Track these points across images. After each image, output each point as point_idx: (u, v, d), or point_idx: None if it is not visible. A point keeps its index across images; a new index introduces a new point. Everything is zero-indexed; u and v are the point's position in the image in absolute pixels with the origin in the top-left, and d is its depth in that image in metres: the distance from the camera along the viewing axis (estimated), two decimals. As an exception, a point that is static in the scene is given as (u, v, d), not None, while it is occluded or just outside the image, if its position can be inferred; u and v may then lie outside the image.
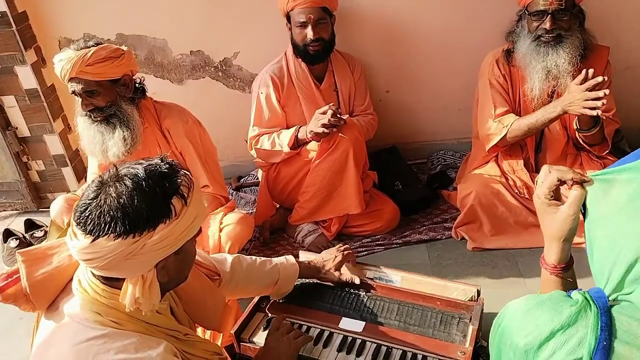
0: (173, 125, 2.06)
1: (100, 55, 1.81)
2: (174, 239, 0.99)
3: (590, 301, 0.82)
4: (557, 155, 2.35)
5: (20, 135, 2.85)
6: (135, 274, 1.00)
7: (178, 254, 1.04)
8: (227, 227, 2.00)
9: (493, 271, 2.16)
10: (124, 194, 0.94)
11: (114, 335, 1.01)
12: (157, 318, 1.10)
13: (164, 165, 1.01)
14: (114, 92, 1.90)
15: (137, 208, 0.94)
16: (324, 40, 2.31)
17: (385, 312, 1.59)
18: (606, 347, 0.77)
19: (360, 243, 2.41)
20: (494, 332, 0.95)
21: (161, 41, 2.79)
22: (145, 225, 0.95)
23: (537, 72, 2.16)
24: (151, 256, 0.98)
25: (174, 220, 0.97)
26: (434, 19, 2.68)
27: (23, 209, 3.03)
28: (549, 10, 2.06)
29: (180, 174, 1.02)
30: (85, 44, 1.85)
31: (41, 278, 1.08)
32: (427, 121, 2.97)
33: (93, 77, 1.83)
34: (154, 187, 0.97)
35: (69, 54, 1.80)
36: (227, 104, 2.92)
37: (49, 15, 2.72)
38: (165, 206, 0.97)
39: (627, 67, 2.68)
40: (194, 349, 1.17)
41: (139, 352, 1.00)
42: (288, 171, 2.46)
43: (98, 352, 0.98)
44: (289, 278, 1.60)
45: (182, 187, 1.00)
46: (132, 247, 0.94)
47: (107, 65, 1.83)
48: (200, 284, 1.32)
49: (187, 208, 0.99)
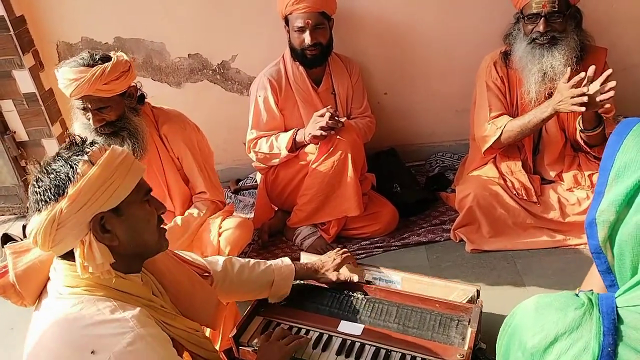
0: (171, 131, 2.06)
1: (116, 72, 1.76)
2: (91, 196, 1.04)
3: (595, 304, 0.81)
4: (555, 157, 2.35)
5: (19, 139, 2.85)
6: (74, 242, 1.06)
7: (119, 215, 1.09)
8: (226, 232, 2.00)
9: (492, 273, 2.16)
10: (39, 179, 1.07)
11: (89, 301, 1.06)
12: (128, 285, 1.13)
13: (74, 143, 1.12)
14: (123, 105, 1.88)
15: (46, 184, 1.05)
16: (322, 45, 2.32)
17: (384, 315, 1.59)
18: (610, 353, 0.75)
19: (359, 245, 2.41)
20: (504, 331, 0.93)
21: (159, 44, 2.79)
22: (55, 192, 1.04)
23: (533, 74, 2.17)
24: (76, 218, 1.04)
25: (81, 179, 1.04)
26: (431, 21, 2.68)
27: (21, 214, 3.02)
28: (542, 12, 2.06)
29: (91, 146, 1.11)
30: (91, 58, 1.78)
31: (25, 268, 1.14)
32: (425, 123, 2.97)
33: (107, 93, 1.79)
34: (61, 160, 1.07)
35: (80, 72, 1.73)
36: (225, 107, 2.92)
37: (46, 19, 2.72)
38: (70, 171, 1.05)
39: (624, 68, 2.68)
40: (174, 322, 1.20)
41: (114, 314, 1.05)
42: (286, 174, 2.46)
43: (76, 318, 1.04)
44: (285, 279, 1.59)
45: (90, 152, 1.08)
46: (53, 214, 1.02)
47: (121, 81, 1.80)
48: (188, 278, 1.35)
49: (95, 167, 1.06)
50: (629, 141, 0.82)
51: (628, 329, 0.77)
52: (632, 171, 0.80)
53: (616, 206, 0.81)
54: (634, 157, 0.80)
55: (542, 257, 2.20)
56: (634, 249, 0.79)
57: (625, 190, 0.80)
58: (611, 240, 0.83)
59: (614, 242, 0.83)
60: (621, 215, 0.81)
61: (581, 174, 2.30)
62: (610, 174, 0.83)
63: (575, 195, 2.27)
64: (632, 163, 0.80)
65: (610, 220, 0.82)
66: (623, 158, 0.82)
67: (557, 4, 2.04)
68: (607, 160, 0.84)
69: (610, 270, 0.87)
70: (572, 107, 1.98)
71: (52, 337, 1.04)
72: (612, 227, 0.82)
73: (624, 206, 0.80)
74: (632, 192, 0.79)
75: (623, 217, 0.81)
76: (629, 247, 0.80)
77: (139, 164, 1.16)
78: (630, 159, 0.81)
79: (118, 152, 1.11)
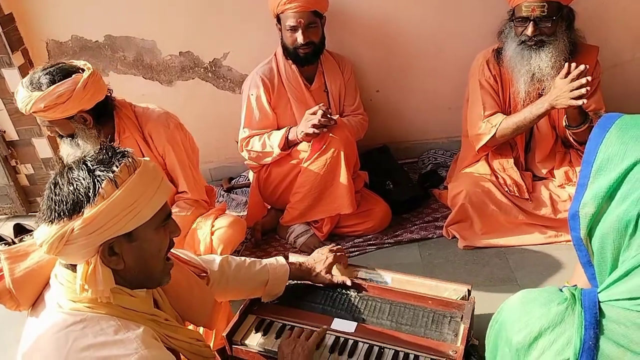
0: (154, 129, 2.04)
1: (49, 101, 1.75)
2: (107, 222, 0.98)
3: (577, 299, 0.82)
4: (546, 153, 2.37)
5: (9, 139, 2.82)
6: (80, 260, 1.02)
7: (131, 241, 1.04)
8: (219, 230, 1.99)
9: (484, 269, 2.17)
10: (58, 185, 1.00)
11: (93, 320, 1.02)
12: (131, 301, 1.10)
13: (104, 152, 1.04)
14: (71, 126, 1.88)
15: (64, 195, 0.99)
16: (314, 44, 2.32)
17: (377, 312, 1.60)
18: (592, 347, 0.76)
19: (352, 243, 2.41)
20: (492, 327, 0.94)
21: (150, 42, 2.78)
22: (71, 210, 0.98)
23: (522, 75, 2.18)
24: (87, 239, 0.98)
25: (101, 202, 0.98)
26: (423, 19, 2.68)
27: (12, 214, 3.00)
28: (531, 17, 2.06)
29: (120, 159, 1.03)
30: (38, 80, 1.77)
31: (23, 274, 1.11)
32: (417, 120, 2.98)
33: (50, 116, 1.81)
34: (85, 170, 1.00)
35: (21, 95, 1.78)
36: (217, 105, 2.91)
37: (36, 18, 2.70)
38: (91, 190, 0.98)
39: (615, 64, 2.70)
40: (176, 334, 1.18)
41: (117, 334, 1.01)
42: (279, 172, 2.45)
43: (77, 337, 1.00)
44: (280, 279, 1.59)
45: (118, 171, 1.01)
46: (62, 231, 0.97)
47: (55, 109, 1.78)
48: (186, 278, 1.33)
49: (119, 191, 0.99)
50: (612, 135, 0.83)
51: (610, 323, 0.78)
52: (614, 164, 0.81)
53: (598, 199, 0.81)
54: (616, 151, 0.81)
55: (534, 253, 2.21)
56: (615, 242, 0.80)
57: (607, 183, 0.80)
58: (591, 233, 0.84)
59: (594, 235, 0.84)
60: (602, 208, 0.82)
61: (572, 171, 2.32)
62: (592, 167, 0.83)
63: (567, 192, 2.28)
64: (614, 157, 0.81)
65: (591, 214, 0.82)
66: (606, 151, 0.82)
67: (547, 8, 2.03)
68: (589, 154, 0.84)
69: (591, 263, 0.88)
70: (570, 101, 1.98)
71: (52, 355, 1.00)
72: (592, 220, 0.83)
73: (605, 199, 0.81)
74: (615, 186, 0.80)
75: (604, 210, 0.81)
76: (610, 240, 0.81)
77: (167, 184, 1.10)
78: (612, 152, 0.81)
79: (149, 168, 1.05)
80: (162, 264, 1.13)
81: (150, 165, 1.07)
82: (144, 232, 1.05)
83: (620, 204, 0.79)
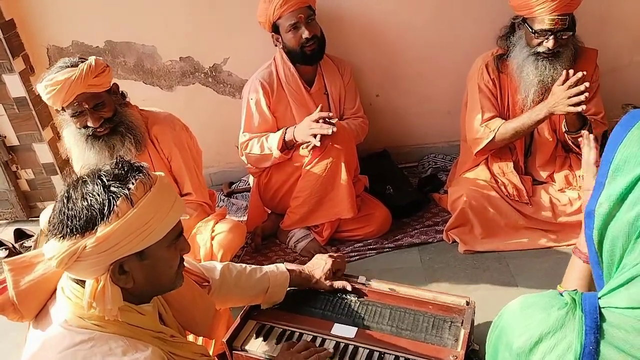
0: (161, 132, 2.06)
1: (100, 65, 1.80)
2: (120, 241, 0.97)
3: (578, 303, 0.82)
4: (547, 158, 2.37)
5: (9, 144, 2.83)
6: (90, 276, 1.00)
7: (142, 259, 1.02)
8: (219, 235, 1.99)
9: (484, 274, 2.17)
10: (71, 199, 0.97)
11: (101, 339, 1.00)
12: (139, 319, 1.08)
13: (120, 167, 1.01)
14: (112, 101, 1.90)
15: (77, 210, 0.96)
16: (318, 37, 2.34)
17: (377, 317, 1.59)
18: (592, 351, 0.76)
19: (352, 247, 2.41)
20: (492, 332, 0.94)
21: (150, 48, 2.79)
22: (84, 227, 0.95)
23: (533, 85, 2.16)
24: (98, 258, 0.97)
25: (116, 221, 0.96)
26: (423, 23, 2.69)
27: (12, 219, 3.00)
28: (554, 30, 2.04)
29: (136, 175, 1.01)
30: (71, 62, 1.80)
31: (27, 286, 1.09)
32: (417, 124, 2.98)
33: (98, 88, 1.81)
34: (100, 185, 0.98)
35: (69, 72, 1.74)
36: (217, 110, 2.92)
37: (37, 23, 2.71)
38: (106, 207, 0.96)
39: (614, 68, 2.71)
40: (181, 351, 1.17)
41: (126, 355, 0.99)
42: (279, 177, 2.45)
43: (85, 356, 0.98)
44: (280, 286, 1.59)
45: (133, 189, 0.98)
46: (74, 247, 0.95)
47: (106, 74, 1.83)
48: (190, 289, 1.31)
49: (135, 209, 0.97)
50: (633, 135, 0.81)
51: (611, 328, 0.78)
52: (631, 167, 0.80)
53: (611, 201, 0.81)
54: (634, 153, 0.80)
55: (534, 257, 2.21)
56: (624, 246, 0.80)
57: (621, 186, 0.79)
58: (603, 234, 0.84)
59: (605, 236, 0.84)
60: (614, 210, 0.81)
61: (572, 175, 2.32)
62: (610, 167, 0.83)
63: (567, 196, 2.28)
64: (632, 158, 0.80)
65: (605, 214, 0.82)
66: (624, 152, 0.81)
67: (568, 21, 2.04)
68: (609, 152, 0.83)
69: (600, 263, 0.88)
70: (568, 107, 1.99)
71: None
72: (605, 220, 0.83)
73: (617, 202, 0.80)
74: (628, 190, 0.79)
75: (615, 212, 0.81)
76: (620, 243, 0.81)
77: (181, 202, 1.07)
78: (630, 154, 0.80)
79: (164, 185, 1.03)
80: (172, 279, 1.12)
81: (165, 181, 1.05)
82: (156, 251, 1.03)
83: (631, 209, 0.78)
